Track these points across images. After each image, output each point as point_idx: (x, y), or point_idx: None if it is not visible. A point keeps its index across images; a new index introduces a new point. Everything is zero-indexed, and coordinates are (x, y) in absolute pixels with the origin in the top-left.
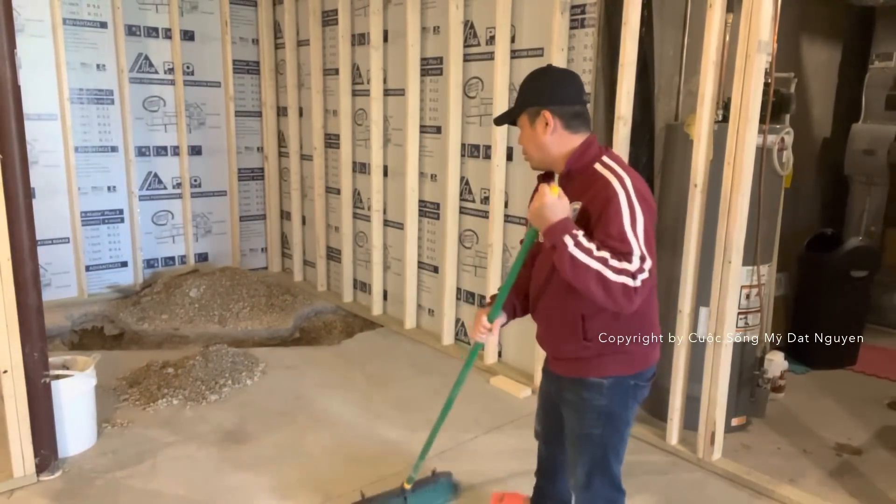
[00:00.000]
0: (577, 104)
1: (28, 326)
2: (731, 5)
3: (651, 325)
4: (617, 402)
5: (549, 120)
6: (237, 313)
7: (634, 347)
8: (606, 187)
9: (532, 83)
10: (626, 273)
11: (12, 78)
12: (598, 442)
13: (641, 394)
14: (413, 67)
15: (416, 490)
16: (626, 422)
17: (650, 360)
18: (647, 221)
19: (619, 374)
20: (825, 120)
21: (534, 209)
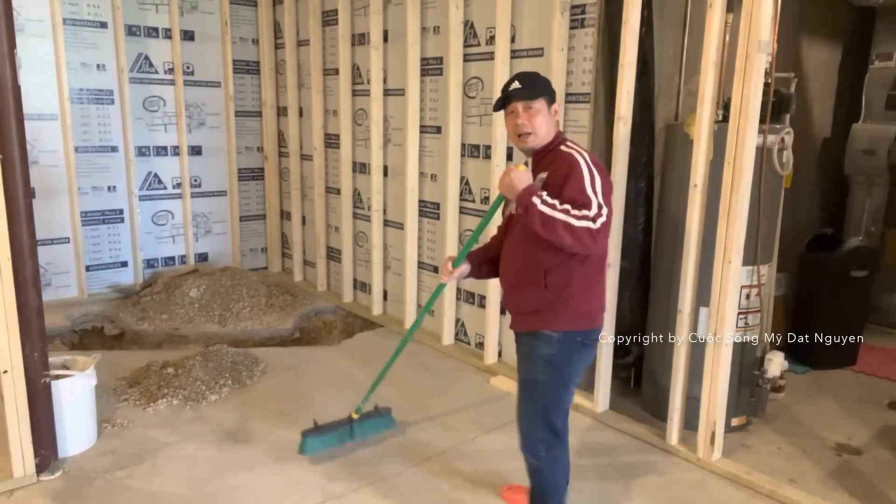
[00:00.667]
0: None
1: (28, 326)
2: (731, 5)
3: (597, 290)
4: (563, 354)
5: (558, 111)
6: (237, 313)
7: (582, 306)
8: (569, 158)
9: (542, 80)
10: (586, 218)
11: (12, 78)
12: (541, 388)
13: (587, 353)
14: (413, 67)
15: (362, 420)
16: (569, 375)
17: (596, 322)
18: (603, 184)
19: (568, 329)
20: (825, 120)
21: (505, 182)
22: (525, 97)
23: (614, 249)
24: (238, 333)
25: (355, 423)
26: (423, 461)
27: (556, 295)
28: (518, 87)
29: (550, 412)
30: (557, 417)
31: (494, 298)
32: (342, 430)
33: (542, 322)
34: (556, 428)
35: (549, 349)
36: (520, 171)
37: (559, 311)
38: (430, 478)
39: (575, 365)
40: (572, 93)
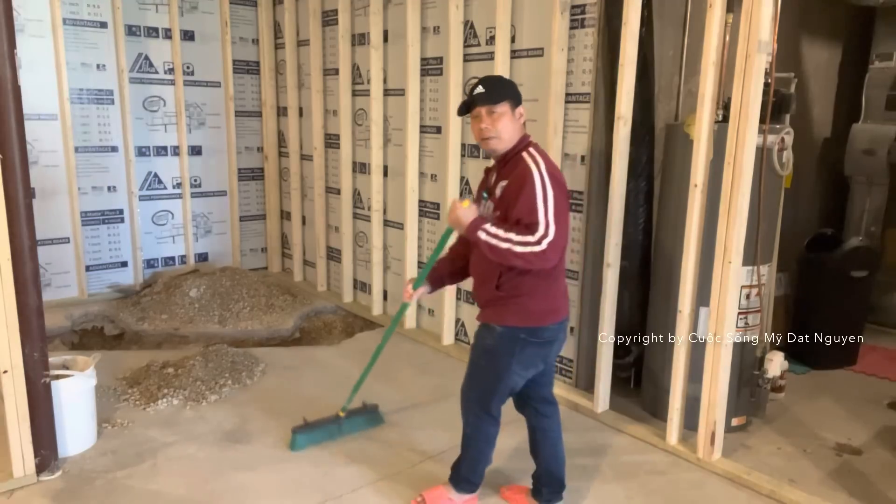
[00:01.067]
0: None
1: (28, 326)
2: (731, 5)
3: (549, 292)
4: (503, 347)
5: (523, 114)
6: (237, 313)
7: (530, 304)
8: (525, 170)
9: (505, 82)
10: (528, 244)
11: (12, 78)
12: (480, 373)
13: (534, 350)
14: (413, 67)
15: (350, 417)
16: (508, 367)
17: (546, 321)
18: (556, 196)
19: (513, 325)
20: (825, 120)
21: (451, 218)
22: (488, 101)
23: (614, 249)
24: (238, 333)
25: (343, 420)
26: (423, 461)
27: (507, 294)
28: (482, 92)
29: (485, 395)
30: (491, 401)
31: None
32: (331, 426)
33: (492, 316)
34: (489, 409)
35: (490, 340)
36: (464, 207)
37: (508, 308)
38: (430, 478)
39: (516, 358)
40: (572, 93)
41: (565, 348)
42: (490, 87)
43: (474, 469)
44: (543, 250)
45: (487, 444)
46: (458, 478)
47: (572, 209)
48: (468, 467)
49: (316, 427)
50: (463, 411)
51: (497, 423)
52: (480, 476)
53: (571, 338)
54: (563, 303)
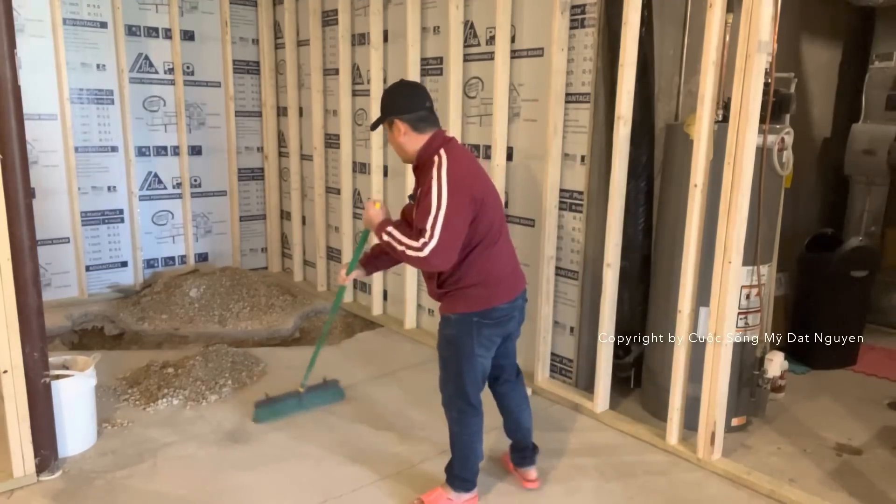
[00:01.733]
0: (420, 110)
1: (28, 326)
2: (731, 5)
3: (490, 276)
4: (461, 333)
5: (400, 126)
6: (237, 313)
7: (475, 292)
8: (429, 178)
9: (386, 99)
10: (413, 248)
11: (12, 78)
12: (448, 363)
13: (490, 330)
14: (413, 67)
15: (310, 391)
16: (472, 350)
17: (491, 303)
18: (450, 202)
19: (463, 311)
20: (825, 120)
21: (365, 219)
22: (375, 128)
23: (614, 249)
24: (238, 333)
25: (304, 395)
26: (423, 461)
27: (455, 285)
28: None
29: (459, 384)
30: (467, 390)
31: None
32: (291, 401)
33: (445, 307)
34: (467, 397)
35: (449, 329)
36: (376, 208)
37: (455, 298)
38: (430, 477)
39: (476, 340)
40: (572, 93)
41: (565, 348)
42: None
43: (465, 465)
44: (426, 256)
45: (473, 437)
46: (453, 477)
47: (572, 209)
48: (460, 465)
49: (277, 402)
50: (445, 409)
51: (479, 414)
52: (474, 472)
53: (571, 338)
54: (510, 283)
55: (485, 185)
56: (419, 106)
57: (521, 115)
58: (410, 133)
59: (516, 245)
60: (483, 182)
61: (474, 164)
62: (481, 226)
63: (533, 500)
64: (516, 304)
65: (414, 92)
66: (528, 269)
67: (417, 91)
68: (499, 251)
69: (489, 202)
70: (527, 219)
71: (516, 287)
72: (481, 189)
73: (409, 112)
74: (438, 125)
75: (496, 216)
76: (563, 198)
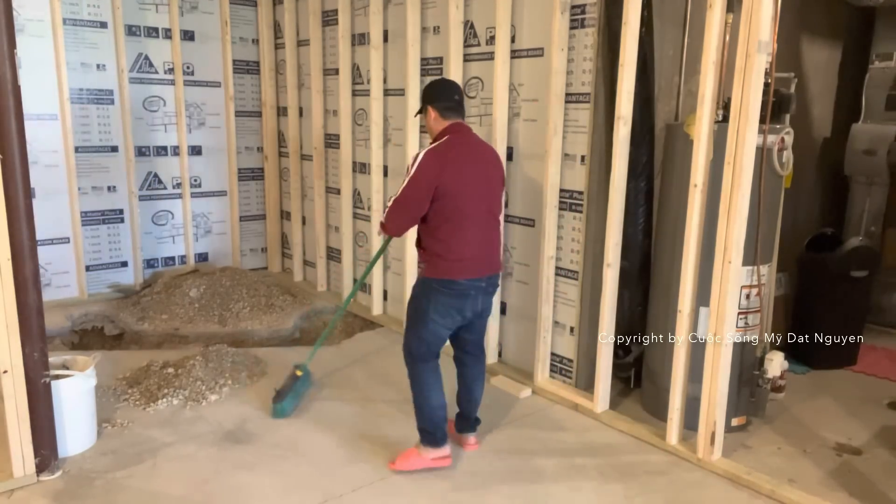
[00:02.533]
0: (449, 101)
1: (28, 326)
2: (731, 5)
3: (451, 253)
4: (422, 294)
5: (431, 112)
6: (237, 313)
7: (437, 262)
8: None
9: (426, 90)
10: (386, 206)
11: (12, 78)
12: (410, 321)
13: (445, 299)
14: (413, 67)
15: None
16: (426, 312)
17: (453, 275)
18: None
19: (430, 276)
20: (825, 120)
21: None
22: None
23: (614, 249)
24: (238, 333)
25: (300, 378)
26: None
27: (426, 252)
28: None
29: (415, 341)
30: (422, 346)
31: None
32: (297, 386)
33: (420, 272)
34: (412, 350)
35: (416, 289)
36: None
37: (427, 263)
38: (431, 478)
39: (432, 304)
40: (572, 93)
41: (565, 348)
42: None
43: (423, 416)
44: (383, 221)
45: (429, 390)
46: (419, 431)
47: (572, 209)
48: (419, 415)
49: (287, 391)
50: (406, 366)
51: (431, 370)
52: (434, 424)
53: (571, 338)
54: (471, 265)
55: (461, 176)
56: (448, 98)
57: (521, 115)
58: (438, 119)
59: (515, 245)
60: (460, 174)
61: (462, 156)
62: (447, 209)
63: (533, 499)
64: (475, 284)
65: (446, 87)
66: (528, 269)
67: (450, 86)
68: (463, 234)
69: (459, 191)
70: (527, 219)
71: (478, 271)
72: (451, 179)
73: (439, 101)
74: (462, 116)
75: (467, 205)
76: (563, 198)
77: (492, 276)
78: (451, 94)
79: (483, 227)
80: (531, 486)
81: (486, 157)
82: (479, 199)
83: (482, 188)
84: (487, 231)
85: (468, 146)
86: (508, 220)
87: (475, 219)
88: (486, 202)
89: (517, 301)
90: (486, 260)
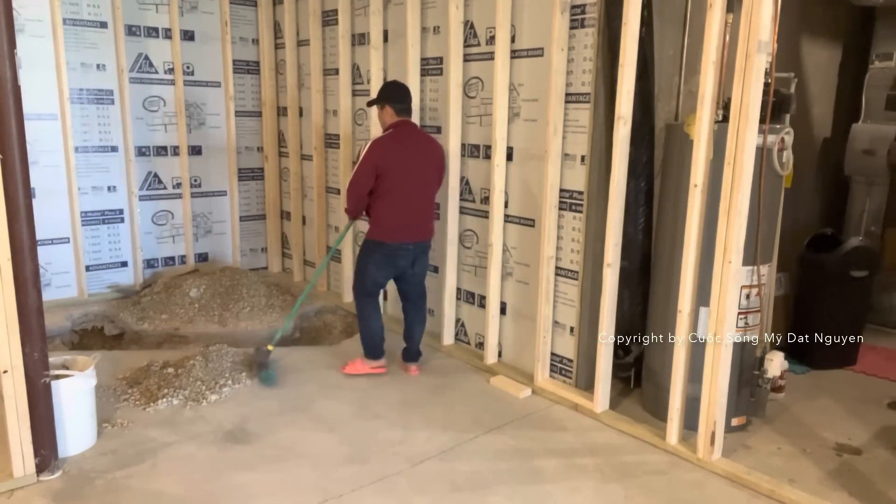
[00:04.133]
0: (403, 104)
1: (28, 326)
2: (731, 5)
3: (381, 219)
4: (364, 249)
5: (389, 109)
6: (237, 313)
7: (373, 225)
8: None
9: (387, 89)
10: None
11: (12, 78)
12: (357, 268)
13: (380, 258)
14: (413, 67)
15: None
16: (366, 264)
17: (380, 237)
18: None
19: (368, 237)
20: (825, 120)
21: None
22: (370, 105)
23: (614, 249)
24: (238, 333)
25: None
26: (423, 461)
27: (370, 219)
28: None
29: (360, 283)
30: (359, 285)
31: (494, 299)
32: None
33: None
34: (357, 289)
35: (362, 246)
36: None
37: (370, 227)
38: (431, 478)
39: (371, 259)
40: (572, 93)
41: (565, 348)
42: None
43: (365, 335)
44: (347, 190)
45: (369, 317)
46: (363, 346)
47: (572, 209)
48: (363, 336)
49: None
50: (354, 300)
51: (371, 304)
52: (374, 343)
53: (571, 338)
54: (396, 232)
55: (398, 161)
56: (404, 101)
57: (521, 115)
58: (392, 115)
59: (515, 245)
60: (397, 159)
61: (401, 145)
62: (382, 186)
63: (533, 499)
64: (404, 246)
65: (404, 91)
66: (528, 269)
67: (406, 91)
68: (392, 206)
69: (395, 173)
70: (527, 219)
71: (405, 236)
72: (389, 163)
73: (398, 103)
74: (410, 116)
75: (401, 184)
76: (563, 198)
77: (420, 242)
78: (406, 98)
79: (414, 203)
80: (531, 487)
81: (426, 148)
82: (413, 180)
83: (416, 172)
84: (419, 206)
85: (409, 138)
86: (508, 220)
87: (407, 196)
88: (420, 184)
89: (517, 301)
90: (415, 229)
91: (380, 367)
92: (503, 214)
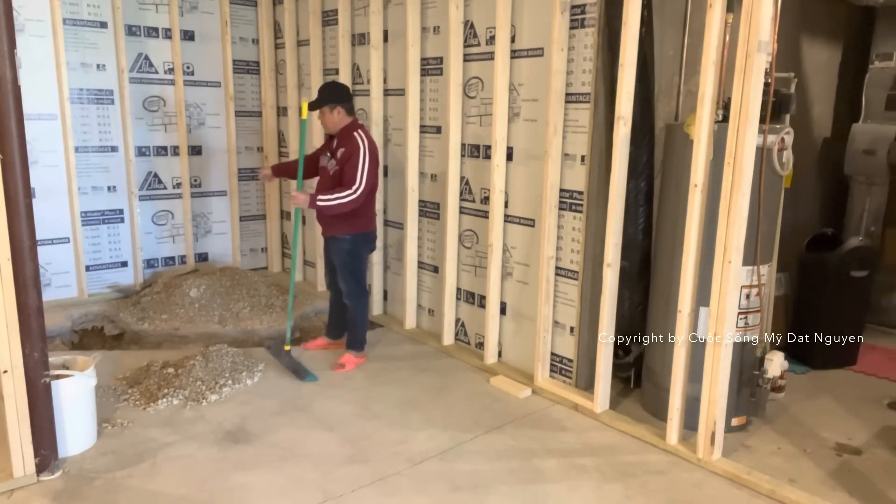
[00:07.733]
0: (351, 102)
1: (28, 326)
2: (731, 5)
3: (367, 211)
4: (353, 250)
5: (340, 109)
6: (237, 313)
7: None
8: (355, 144)
9: (331, 90)
10: (350, 195)
11: (12, 78)
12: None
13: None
14: (413, 67)
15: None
16: (359, 262)
17: (370, 227)
18: (370, 165)
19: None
20: (825, 120)
21: (295, 203)
22: (314, 108)
23: (614, 249)
24: (238, 333)
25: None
26: (423, 461)
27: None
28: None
29: (355, 282)
30: (357, 286)
31: (494, 299)
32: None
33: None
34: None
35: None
36: (300, 197)
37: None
38: (431, 478)
39: (361, 254)
40: (572, 93)
41: (565, 348)
42: (317, 98)
43: (364, 330)
44: (358, 196)
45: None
46: (358, 342)
47: (572, 209)
48: (362, 331)
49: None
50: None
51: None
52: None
53: (571, 338)
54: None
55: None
56: (351, 100)
57: (521, 115)
58: (344, 116)
59: (515, 245)
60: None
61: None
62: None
63: (533, 499)
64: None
65: (348, 90)
66: (528, 269)
67: (348, 90)
68: (371, 195)
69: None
70: (527, 219)
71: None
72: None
73: (348, 102)
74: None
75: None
76: (563, 198)
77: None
78: (350, 95)
79: None
80: (531, 486)
81: None
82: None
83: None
84: None
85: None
86: (508, 220)
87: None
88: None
89: (517, 301)
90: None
91: (365, 356)
92: (503, 214)
